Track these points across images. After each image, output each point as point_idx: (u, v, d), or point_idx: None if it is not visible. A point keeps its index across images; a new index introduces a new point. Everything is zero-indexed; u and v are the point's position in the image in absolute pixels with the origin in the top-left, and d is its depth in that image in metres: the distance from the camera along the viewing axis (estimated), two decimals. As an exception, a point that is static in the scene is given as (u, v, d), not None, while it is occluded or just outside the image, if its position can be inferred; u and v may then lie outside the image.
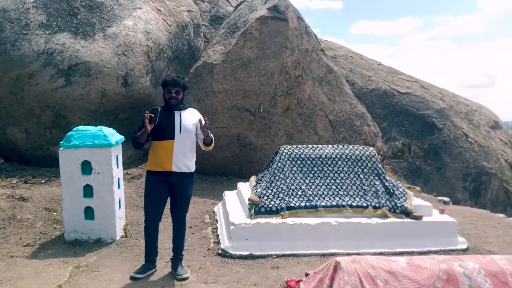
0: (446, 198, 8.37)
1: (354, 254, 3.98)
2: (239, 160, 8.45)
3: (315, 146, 5.59)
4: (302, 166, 5.31)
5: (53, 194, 5.94)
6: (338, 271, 2.92)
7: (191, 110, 3.97)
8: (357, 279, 2.85)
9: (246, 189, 5.64)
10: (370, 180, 5.25)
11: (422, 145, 11.11)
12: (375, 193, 5.13)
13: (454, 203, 8.80)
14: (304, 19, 8.87)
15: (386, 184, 5.22)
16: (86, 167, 4.67)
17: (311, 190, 5.11)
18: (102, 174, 4.67)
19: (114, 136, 4.91)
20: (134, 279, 3.80)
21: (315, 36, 9.22)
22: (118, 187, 4.96)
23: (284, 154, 5.38)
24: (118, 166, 4.97)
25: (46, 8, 7.49)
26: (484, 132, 11.98)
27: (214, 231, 5.28)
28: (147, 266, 3.96)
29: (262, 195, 4.99)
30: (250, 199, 4.98)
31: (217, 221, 5.60)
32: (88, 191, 4.69)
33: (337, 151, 5.47)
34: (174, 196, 3.88)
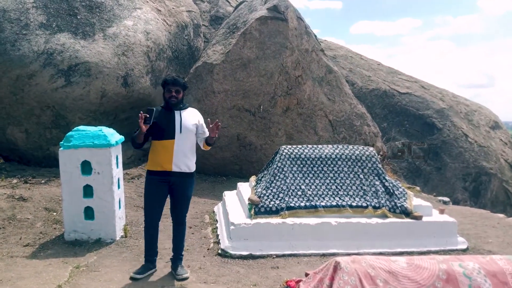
0: (446, 198, 8.37)
1: (354, 254, 3.98)
2: (239, 160, 8.45)
3: (315, 146, 5.59)
4: (302, 166, 5.31)
5: (53, 194, 5.94)
6: (338, 271, 2.92)
7: (191, 110, 3.96)
8: (357, 279, 2.85)
9: (246, 189, 5.64)
10: (370, 180, 5.25)
11: (422, 145, 11.12)
12: (375, 193, 5.13)
13: (454, 203, 8.81)
14: (304, 19, 8.87)
15: (386, 184, 5.22)
16: (86, 167, 4.67)
17: (311, 190, 5.10)
18: (102, 174, 4.67)
19: (114, 136, 4.91)
20: (134, 279, 3.79)
21: (315, 36, 9.22)
22: (118, 187, 4.96)
23: (284, 154, 5.38)
24: (118, 166, 4.97)
25: (46, 8, 7.49)
26: (484, 132, 11.98)
27: (214, 231, 5.28)
28: (147, 266, 3.95)
29: (262, 195, 4.98)
30: (250, 199, 4.98)
31: (217, 221, 5.60)
32: (88, 191, 4.69)
33: (337, 151, 5.47)
34: (174, 196, 3.87)
